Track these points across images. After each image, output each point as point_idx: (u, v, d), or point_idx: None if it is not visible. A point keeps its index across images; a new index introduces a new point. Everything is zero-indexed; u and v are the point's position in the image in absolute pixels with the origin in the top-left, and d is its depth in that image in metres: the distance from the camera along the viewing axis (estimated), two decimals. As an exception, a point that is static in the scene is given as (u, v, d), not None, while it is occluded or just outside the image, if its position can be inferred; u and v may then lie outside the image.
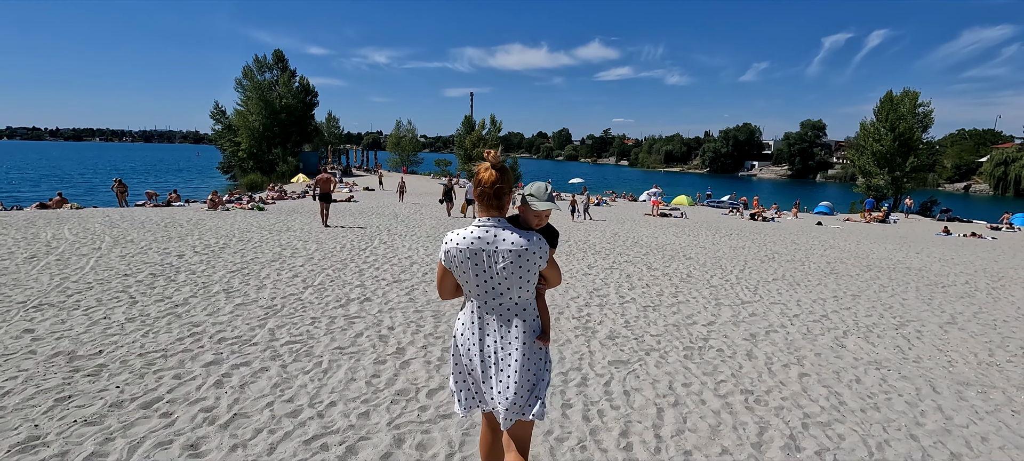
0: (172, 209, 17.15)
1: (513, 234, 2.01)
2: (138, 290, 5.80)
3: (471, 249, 2.01)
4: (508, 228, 2.03)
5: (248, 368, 3.84)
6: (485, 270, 2.01)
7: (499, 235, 2.00)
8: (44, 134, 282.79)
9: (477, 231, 2.02)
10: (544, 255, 2.05)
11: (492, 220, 2.04)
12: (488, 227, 2.02)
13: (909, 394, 4.12)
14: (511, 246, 1.99)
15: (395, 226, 13.76)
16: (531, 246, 2.01)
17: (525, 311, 2.07)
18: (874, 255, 12.86)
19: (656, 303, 6.69)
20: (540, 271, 2.08)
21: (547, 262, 2.09)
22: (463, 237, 2.02)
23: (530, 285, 2.06)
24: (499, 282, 2.02)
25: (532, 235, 2.04)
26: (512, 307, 2.05)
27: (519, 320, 2.05)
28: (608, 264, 9.44)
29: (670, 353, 4.75)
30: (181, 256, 7.89)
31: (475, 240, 2.01)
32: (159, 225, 11.25)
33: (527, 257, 2.00)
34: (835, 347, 5.26)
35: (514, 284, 2.02)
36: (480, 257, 2.00)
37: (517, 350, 2.03)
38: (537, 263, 2.04)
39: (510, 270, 1.99)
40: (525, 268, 2.01)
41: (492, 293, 2.04)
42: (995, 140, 76.09)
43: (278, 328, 4.73)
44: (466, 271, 2.03)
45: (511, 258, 1.98)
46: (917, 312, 7.09)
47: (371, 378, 3.82)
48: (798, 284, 8.64)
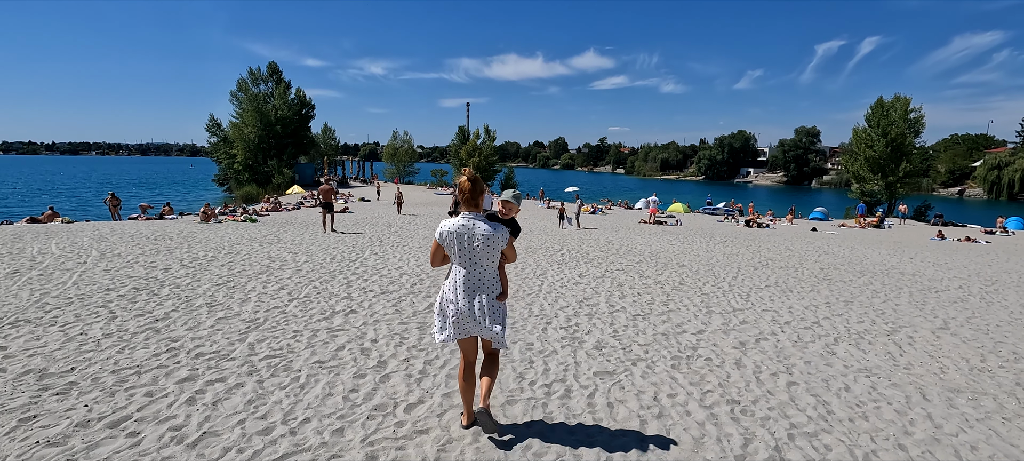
0: (164, 222, 17.04)
1: (485, 224, 2.97)
2: (119, 305, 5.71)
3: (457, 232, 2.96)
4: (482, 220, 2.98)
5: (223, 384, 3.75)
6: (466, 247, 2.96)
7: (476, 224, 2.95)
8: (40, 148, 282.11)
9: (462, 221, 2.98)
10: (504, 239, 3.01)
11: (472, 214, 3.00)
12: (469, 218, 2.98)
13: (899, 402, 4.05)
14: (483, 232, 2.94)
15: (388, 237, 13.68)
16: (496, 233, 2.98)
17: (492, 276, 3.03)
18: (868, 261, 12.83)
19: (646, 312, 6.62)
20: (502, 250, 3.03)
21: (506, 244, 3.04)
22: (453, 224, 2.98)
23: (495, 259, 3.02)
24: (475, 255, 2.97)
25: (498, 226, 3.00)
26: (483, 273, 3.00)
27: (486, 283, 3.01)
28: (600, 272, 9.38)
29: (657, 363, 4.68)
30: (167, 269, 7.80)
31: (461, 226, 2.97)
32: (149, 238, 11.16)
33: (493, 240, 2.96)
34: (825, 355, 5.19)
35: (484, 257, 2.98)
36: (463, 238, 2.95)
37: (488, 303, 3.00)
38: (499, 244, 2.99)
39: (482, 247, 2.95)
40: (492, 247, 2.97)
41: (470, 262, 2.99)
42: (988, 145, 76.63)
43: (258, 342, 4.64)
44: (453, 247, 2.98)
45: (483, 239, 2.94)
46: (909, 318, 7.04)
47: (349, 393, 3.73)
48: (791, 291, 8.58)
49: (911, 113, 33.25)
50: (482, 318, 2.97)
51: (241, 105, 49.97)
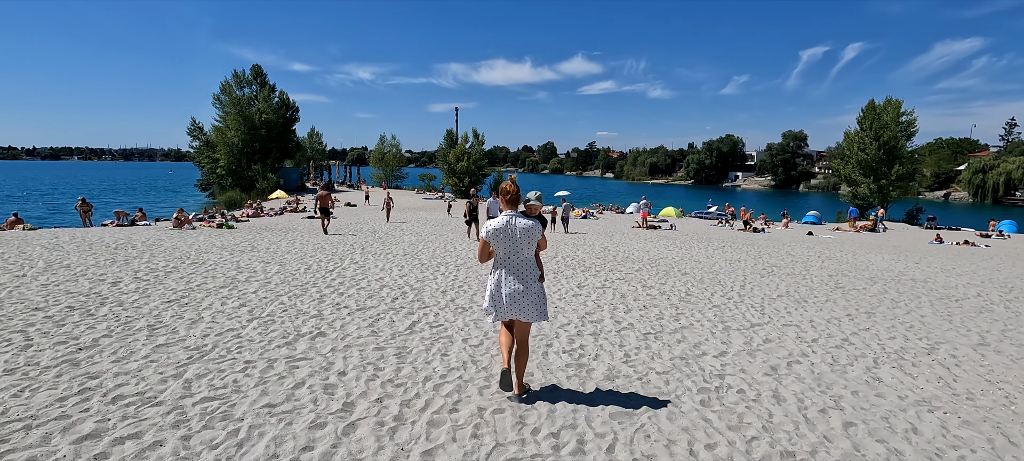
0: (134, 229, 15.99)
1: (524, 219, 3.62)
2: (42, 328, 4.81)
3: (502, 228, 3.56)
4: (521, 216, 3.64)
5: (135, 442, 2.90)
6: (510, 238, 3.56)
7: (517, 220, 3.60)
8: (20, 153, 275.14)
9: (505, 218, 3.59)
10: (539, 231, 3.64)
11: (512, 212, 3.64)
12: (511, 215, 3.61)
13: (983, 449, 3.32)
14: (523, 225, 3.59)
15: (371, 244, 12.81)
16: (533, 225, 3.62)
17: (531, 262, 3.62)
18: (874, 266, 12.26)
19: (657, 329, 5.88)
20: (537, 240, 3.64)
21: (541, 235, 3.67)
22: (499, 221, 3.59)
23: (533, 246, 3.63)
24: (517, 244, 3.57)
25: (533, 220, 3.67)
26: (524, 260, 3.60)
27: (528, 268, 3.60)
28: (599, 282, 8.63)
29: (683, 397, 3.92)
30: (116, 283, 6.89)
31: (506, 223, 3.57)
32: (110, 247, 10.19)
33: (532, 232, 3.60)
34: (871, 381, 4.48)
35: (525, 246, 3.59)
36: (507, 231, 3.56)
37: (531, 284, 3.59)
38: (536, 235, 3.63)
39: (522, 238, 3.58)
40: (531, 237, 3.60)
41: (514, 251, 3.58)
42: (972, 148, 77.65)
43: (198, 378, 3.79)
44: (500, 240, 3.56)
45: (523, 232, 3.58)
46: (942, 332, 6.38)
47: (300, 452, 2.91)
48: (805, 301, 7.91)
49: (903, 116, 33.14)
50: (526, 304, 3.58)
51: (224, 108, 48.62)
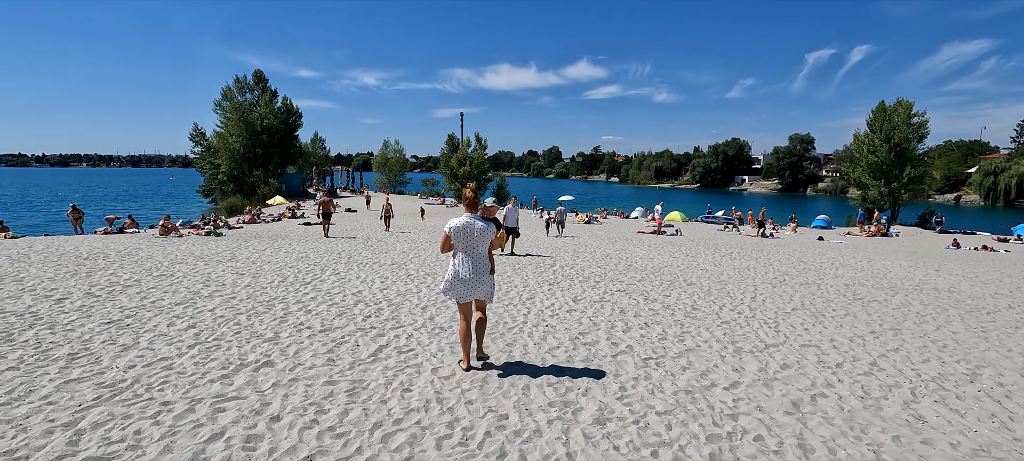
0: (119, 237, 15.46)
1: (480, 221, 4.41)
2: (-52, 358, 4.18)
3: (463, 227, 4.33)
4: (479, 218, 4.43)
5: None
6: (469, 236, 4.34)
7: (475, 221, 4.38)
8: (30, 161, 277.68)
9: (465, 219, 4.36)
10: (494, 232, 4.46)
11: (472, 215, 4.42)
12: (471, 217, 4.39)
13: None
14: (480, 225, 4.38)
15: (360, 252, 12.17)
16: (489, 227, 4.42)
17: (485, 258, 4.43)
18: (892, 274, 11.49)
19: (659, 353, 5.17)
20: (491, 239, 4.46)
21: (495, 234, 4.51)
22: (459, 221, 4.35)
23: (487, 244, 4.44)
24: (475, 241, 4.36)
25: (489, 222, 4.49)
26: (480, 255, 4.39)
27: (483, 262, 4.40)
28: (598, 295, 7.93)
29: (688, 449, 3.21)
30: (62, 300, 6.27)
31: (465, 223, 4.35)
32: (81, 257, 9.61)
33: (487, 232, 4.40)
34: (913, 422, 3.76)
35: (481, 243, 4.39)
36: (466, 230, 4.34)
37: (484, 275, 4.39)
38: (491, 235, 4.44)
39: (479, 236, 4.36)
40: (486, 237, 4.40)
41: (471, 248, 4.36)
42: (982, 150, 76.27)
43: (92, 429, 3.11)
44: (459, 237, 4.34)
45: (480, 231, 4.36)
46: (981, 353, 5.64)
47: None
48: (823, 315, 7.19)
49: (914, 117, 32.19)
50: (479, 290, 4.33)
51: (226, 114, 48.36)
